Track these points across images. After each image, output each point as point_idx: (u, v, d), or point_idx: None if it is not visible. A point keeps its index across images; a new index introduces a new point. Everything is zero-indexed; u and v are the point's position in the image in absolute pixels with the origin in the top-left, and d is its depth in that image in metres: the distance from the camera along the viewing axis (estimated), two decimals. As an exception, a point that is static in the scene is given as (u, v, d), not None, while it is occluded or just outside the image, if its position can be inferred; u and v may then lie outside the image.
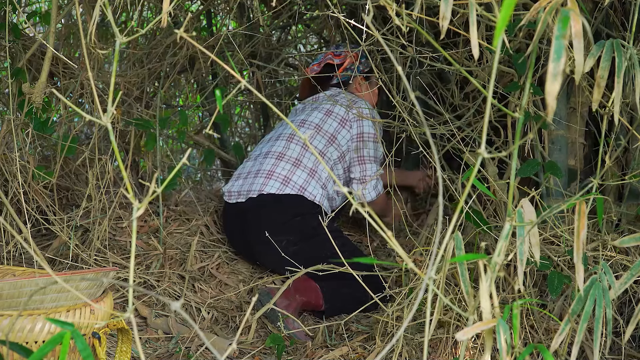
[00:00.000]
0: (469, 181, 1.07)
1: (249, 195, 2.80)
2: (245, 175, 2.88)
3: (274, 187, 2.77)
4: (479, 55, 1.91)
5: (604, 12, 2.55)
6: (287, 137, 2.89)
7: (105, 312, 1.71)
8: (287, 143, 2.87)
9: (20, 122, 2.61)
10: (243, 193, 2.83)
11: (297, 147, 2.86)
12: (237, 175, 2.93)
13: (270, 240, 2.71)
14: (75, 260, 2.70)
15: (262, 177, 2.80)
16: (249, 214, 2.80)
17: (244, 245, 2.90)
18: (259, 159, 2.89)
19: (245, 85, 1.06)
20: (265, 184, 2.78)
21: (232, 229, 2.94)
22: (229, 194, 2.89)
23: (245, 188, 2.83)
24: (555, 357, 1.60)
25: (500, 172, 2.70)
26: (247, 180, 2.85)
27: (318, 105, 2.96)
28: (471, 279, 2.16)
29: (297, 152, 2.84)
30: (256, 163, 2.89)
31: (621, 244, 1.40)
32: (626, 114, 2.49)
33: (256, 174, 2.83)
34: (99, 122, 1.70)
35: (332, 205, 2.91)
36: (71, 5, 2.92)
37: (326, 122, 2.88)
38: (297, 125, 2.91)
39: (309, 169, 2.82)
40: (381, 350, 2.27)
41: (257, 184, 2.80)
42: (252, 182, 2.82)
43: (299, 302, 2.60)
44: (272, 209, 2.76)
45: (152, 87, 3.46)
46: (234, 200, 2.87)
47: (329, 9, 2.65)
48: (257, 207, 2.78)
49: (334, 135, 2.87)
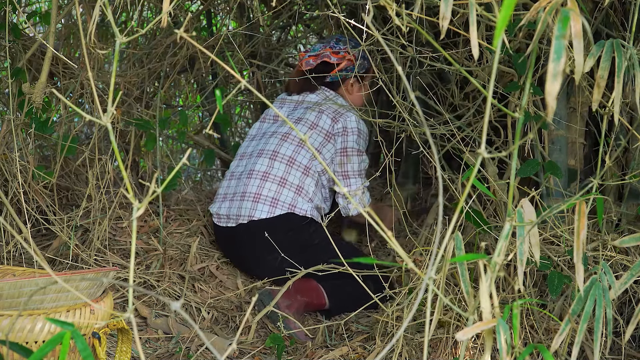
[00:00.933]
0: (469, 181, 1.07)
1: (239, 220, 2.77)
2: (231, 197, 2.82)
3: (264, 210, 2.73)
4: (479, 55, 1.91)
5: (604, 12, 2.55)
6: (270, 155, 2.81)
7: (105, 312, 1.71)
8: (271, 162, 2.79)
9: (20, 122, 2.61)
10: (232, 217, 2.79)
11: (282, 165, 2.78)
12: (222, 195, 2.87)
13: (266, 257, 2.71)
14: (75, 260, 2.70)
15: (250, 201, 2.75)
16: (242, 237, 2.78)
17: (239, 260, 2.89)
18: (242, 178, 2.82)
19: (245, 85, 1.06)
20: (254, 208, 2.73)
21: (225, 247, 2.92)
22: (218, 217, 2.84)
23: (234, 212, 2.78)
24: (555, 357, 1.60)
25: (500, 172, 2.70)
26: (233, 202, 2.80)
27: (302, 116, 2.87)
28: (471, 279, 2.16)
29: (282, 170, 2.77)
30: (240, 184, 2.81)
31: (621, 244, 1.40)
32: (626, 114, 2.49)
33: (242, 197, 2.77)
34: (99, 122, 1.70)
35: (321, 213, 2.88)
36: (71, 5, 2.93)
37: (311, 137, 2.82)
38: (280, 138, 2.84)
39: (296, 186, 2.76)
40: (381, 350, 2.27)
41: (245, 209, 2.75)
42: (240, 207, 2.77)
43: (301, 302, 2.60)
44: (264, 231, 2.71)
45: (152, 87, 3.45)
46: (223, 224, 2.83)
47: (329, 9, 2.65)
48: (249, 232, 2.76)
49: (318, 150, 2.81)
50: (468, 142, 2.67)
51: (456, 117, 2.80)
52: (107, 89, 3.18)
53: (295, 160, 2.79)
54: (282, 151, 2.80)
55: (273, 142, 2.85)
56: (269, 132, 2.94)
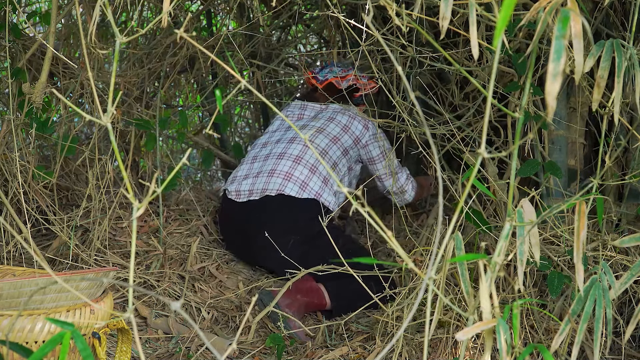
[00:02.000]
0: (469, 181, 1.07)
1: (266, 193, 2.79)
2: (255, 174, 2.86)
3: (294, 190, 2.77)
4: (479, 55, 1.91)
5: (604, 12, 2.55)
6: (305, 143, 2.89)
7: (105, 312, 1.71)
8: (305, 148, 2.87)
9: (20, 122, 2.61)
10: (257, 192, 2.81)
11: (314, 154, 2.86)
12: (243, 176, 2.90)
13: (280, 237, 2.72)
14: (75, 260, 2.70)
15: (280, 178, 2.79)
16: (260, 212, 2.80)
17: (245, 245, 2.88)
18: (270, 159, 2.88)
19: (245, 85, 1.06)
20: (284, 185, 2.78)
21: (235, 229, 2.91)
22: (237, 193, 2.86)
23: (259, 187, 2.81)
24: (555, 357, 1.60)
25: (500, 172, 2.70)
26: (259, 179, 2.84)
27: (334, 116, 2.98)
28: (471, 279, 2.16)
29: (315, 159, 2.85)
30: (267, 164, 2.87)
31: (621, 244, 1.40)
32: (626, 114, 2.49)
33: (271, 174, 2.82)
34: (99, 122, 1.70)
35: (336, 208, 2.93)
36: (71, 5, 2.92)
37: (343, 137, 2.92)
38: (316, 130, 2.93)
39: (323, 177, 2.84)
40: (381, 350, 2.27)
41: (274, 184, 2.79)
42: (268, 182, 2.80)
43: (301, 302, 2.60)
44: (288, 209, 2.76)
45: (152, 87, 3.45)
46: (244, 199, 2.84)
47: (329, 9, 2.65)
48: (272, 206, 2.78)
49: (347, 150, 2.93)
50: (468, 142, 2.67)
51: (456, 117, 2.80)
52: (107, 89, 3.18)
53: (327, 153, 2.88)
54: (317, 142, 2.89)
55: (308, 132, 2.94)
56: (298, 125, 3.01)
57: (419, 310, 2.28)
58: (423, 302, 2.22)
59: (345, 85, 3.03)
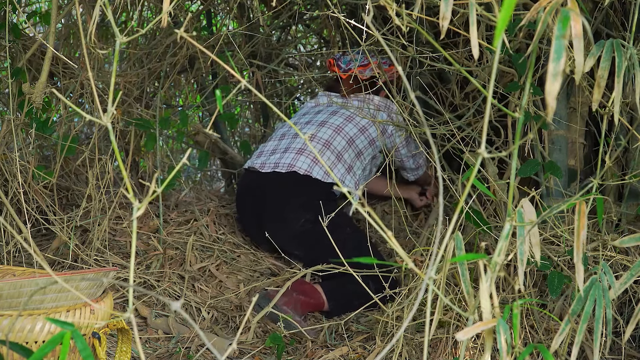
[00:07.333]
0: (469, 181, 1.07)
1: (292, 169, 2.81)
2: (284, 150, 2.89)
3: (319, 174, 2.81)
4: (479, 55, 1.91)
5: (604, 12, 2.55)
6: (335, 128, 2.92)
7: (105, 312, 1.71)
8: (334, 134, 2.91)
9: (20, 122, 2.61)
10: (284, 165, 2.83)
11: (343, 141, 2.91)
12: (270, 151, 2.93)
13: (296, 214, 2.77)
14: (75, 260, 2.70)
15: (309, 159, 2.83)
16: (280, 187, 2.82)
17: (256, 215, 2.89)
18: (300, 138, 2.90)
19: (245, 85, 1.06)
20: (311, 167, 2.81)
21: (253, 198, 2.91)
22: (262, 164, 2.89)
23: (287, 161, 2.84)
24: (555, 357, 1.60)
25: (500, 172, 2.70)
26: (286, 154, 2.86)
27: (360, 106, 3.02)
28: (471, 279, 2.16)
29: (342, 146, 2.90)
30: (296, 142, 2.90)
31: (621, 244, 1.40)
32: (626, 114, 2.49)
33: (300, 152, 2.85)
34: (99, 122, 1.70)
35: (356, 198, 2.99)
36: (71, 5, 2.92)
37: (370, 127, 2.97)
38: (345, 118, 2.96)
39: (347, 165, 2.90)
40: (381, 350, 2.27)
41: (302, 162, 2.82)
42: (296, 159, 2.83)
43: (297, 299, 2.59)
44: (308, 188, 2.80)
45: (152, 87, 3.45)
46: (268, 170, 2.86)
47: (329, 9, 2.65)
48: (296, 182, 2.80)
49: (373, 140, 2.98)
50: (468, 142, 2.67)
51: (456, 117, 2.80)
52: (107, 89, 3.18)
53: (354, 142, 2.92)
54: (346, 130, 2.92)
55: (338, 119, 2.96)
56: (328, 110, 3.03)
57: (419, 310, 2.28)
58: (423, 302, 2.22)
59: (368, 73, 3.03)
